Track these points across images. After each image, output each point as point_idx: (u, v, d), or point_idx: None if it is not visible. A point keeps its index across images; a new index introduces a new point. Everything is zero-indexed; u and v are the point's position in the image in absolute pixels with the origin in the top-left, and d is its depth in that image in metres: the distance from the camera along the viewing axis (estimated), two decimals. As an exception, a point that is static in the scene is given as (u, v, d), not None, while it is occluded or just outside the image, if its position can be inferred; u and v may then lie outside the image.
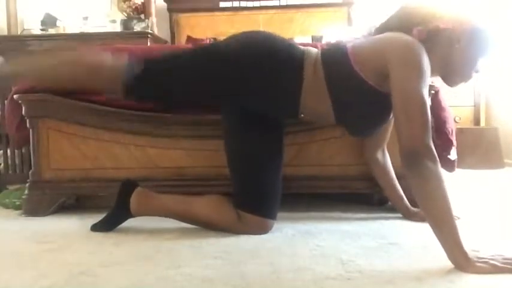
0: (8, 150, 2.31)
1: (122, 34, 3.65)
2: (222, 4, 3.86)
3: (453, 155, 1.77)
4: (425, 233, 1.29)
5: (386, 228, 1.52)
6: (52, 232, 1.52)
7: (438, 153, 1.17)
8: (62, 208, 1.82)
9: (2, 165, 2.33)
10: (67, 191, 1.79)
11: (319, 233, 1.45)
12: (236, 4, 3.85)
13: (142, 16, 3.83)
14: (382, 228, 1.52)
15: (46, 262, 1.21)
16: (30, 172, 1.81)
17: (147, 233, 1.47)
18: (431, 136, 1.18)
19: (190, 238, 1.41)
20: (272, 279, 1.06)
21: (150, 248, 1.31)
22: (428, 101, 1.22)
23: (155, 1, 3.91)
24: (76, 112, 1.75)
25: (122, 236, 1.44)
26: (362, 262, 1.16)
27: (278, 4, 3.84)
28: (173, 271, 1.11)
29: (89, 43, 3.39)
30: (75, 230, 1.55)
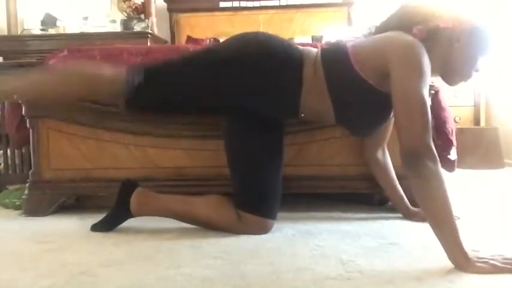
0: (8, 150, 2.31)
1: (122, 34, 3.65)
2: (222, 4, 3.86)
3: (453, 155, 1.77)
4: (425, 233, 1.29)
5: (386, 228, 1.52)
6: (52, 232, 1.52)
7: (438, 153, 1.17)
8: (62, 208, 1.82)
9: (2, 165, 2.33)
10: (67, 191, 1.79)
11: (319, 233, 1.45)
12: (236, 4, 3.85)
13: (142, 16, 3.84)
14: (382, 228, 1.52)
15: (46, 262, 1.21)
16: (30, 172, 1.81)
17: (147, 233, 1.47)
18: (431, 136, 1.18)
19: (190, 238, 1.41)
20: (272, 279, 1.06)
21: (150, 248, 1.31)
22: (428, 101, 1.23)
23: (155, 1, 3.91)
24: (76, 112, 1.75)
25: (122, 236, 1.44)
26: (362, 262, 1.16)
27: (278, 4, 3.85)
28: (173, 271, 1.11)
29: (89, 47, 3.38)
30: (75, 230, 1.55)
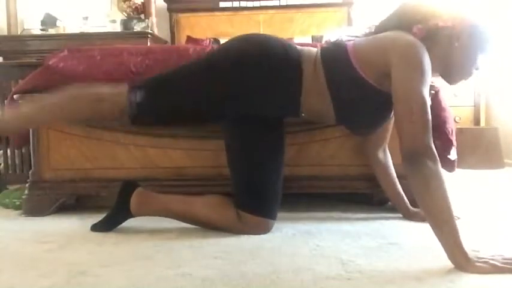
0: (8, 150, 2.31)
1: (122, 34, 3.65)
2: (222, 4, 3.86)
3: (453, 155, 1.77)
4: (425, 233, 1.29)
5: (386, 228, 1.52)
6: (52, 232, 1.52)
7: (438, 153, 1.17)
8: (62, 208, 1.81)
9: (2, 165, 2.33)
10: (67, 191, 1.79)
11: (319, 233, 1.45)
12: (236, 4, 3.85)
13: (142, 16, 3.84)
14: (382, 228, 1.52)
15: (46, 262, 1.21)
16: (30, 172, 1.81)
17: (147, 233, 1.47)
18: (431, 136, 1.18)
19: (190, 238, 1.40)
20: (272, 279, 1.06)
21: (150, 248, 1.31)
22: (428, 101, 1.23)
23: (155, 1, 3.91)
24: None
25: (122, 236, 1.44)
26: (362, 262, 1.16)
27: (278, 4, 3.85)
28: (173, 271, 1.11)
29: (90, 42, 3.39)
30: (75, 230, 1.55)
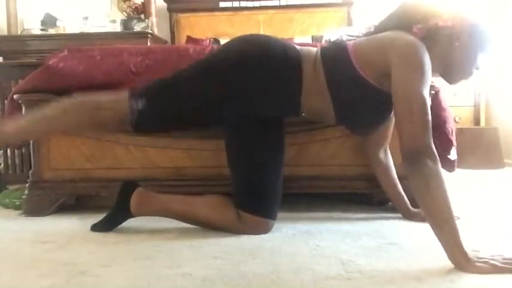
0: (8, 150, 2.31)
1: (122, 34, 3.66)
2: (222, 4, 3.86)
3: (453, 155, 1.77)
4: (425, 233, 1.29)
5: (386, 228, 1.52)
6: (52, 232, 1.52)
7: (438, 153, 1.17)
8: (62, 208, 1.81)
9: (2, 165, 2.34)
10: (67, 191, 1.79)
11: (319, 233, 1.45)
12: (236, 4, 3.85)
13: (142, 16, 3.84)
14: (382, 228, 1.52)
15: (46, 262, 1.21)
16: (30, 172, 1.81)
17: (147, 233, 1.47)
18: (431, 136, 1.18)
19: (190, 238, 1.40)
20: (272, 279, 1.06)
21: (150, 248, 1.31)
22: (428, 101, 1.23)
23: (155, 1, 3.91)
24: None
25: (122, 236, 1.44)
26: (362, 262, 1.16)
27: (278, 4, 3.85)
28: (173, 271, 1.11)
29: (91, 42, 3.39)
30: (75, 230, 1.55)
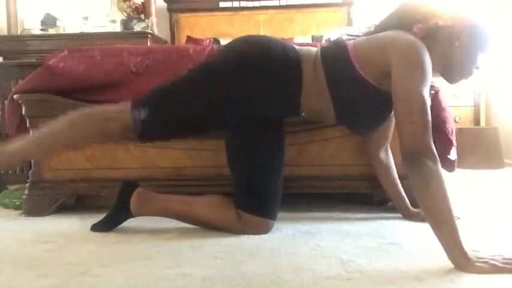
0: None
1: (122, 34, 3.65)
2: (222, 4, 3.86)
3: (453, 155, 1.77)
4: (425, 233, 1.29)
5: (386, 228, 1.52)
6: (52, 232, 1.52)
7: (438, 153, 1.17)
8: (62, 208, 1.81)
9: (2, 165, 2.33)
10: (67, 191, 1.79)
11: (319, 233, 1.45)
12: (236, 4, 3.85)
13: (142, 16, 3.84)
14: (382, 228, 1.52)
15: (46, 262, 1.21)
16: (30, 172, 1.81)
17: (147, 233, 1.47)
18: (431, 136, 1.18)
19: (190, 238, 1.40)
20: (272, 279, 1.06)
21: (150, 248, 1.31)
22: (428, 101, 1.23)
23: (155, 1, 3.91)
24: (76, 112, 1.74)
25: (122, 236, 1.44)
26: (362, 262, 1.16)
27: (278, 4, 3.84)
28: (173, 271, 1.11)
29: (91, 42, 3.39)
30: (75, 230, 1.55)
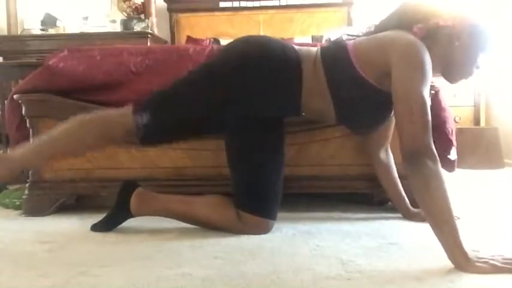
0: (8, 150, 2.30)
1: (122, 34, 3.66)
2: (222, 4, 3.86)
3: (453, 155, 1.77)
4: (425, 233, 1.29)
5: (386, 228, 1.52)
6: (52, 232, 1.52)
7: (438, 153, 1.17)
8: (62, 208, 1.81)
9: (2, 165, 2.33)
10: (67, 191, 1.79)
11: (319, 233, 1.45)
12: (236, 4, 3.85)
13: (142, 16, 3.84)
14: (382, 228, 1.52)
15: (46, 262, 1.21)
16: (30, 172, 1.81)
17: (147, 233, 1.47)
18: (431, 136, 1.18)
19: (190, 238, 1.40)
20: (272, 279, 1.06)
21: (150, 248, 1.31)
22: (428, 101, 1.23)
23: (155, 1, 3.91)
24: (76, 112, 1.72)
25: (122, 236, 1.44)
26: (362, 262, 1.16)
27: (278, 4, 3.85)
28: (173, 271, 1.11)
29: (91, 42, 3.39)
30: (75, 230, 1.55)
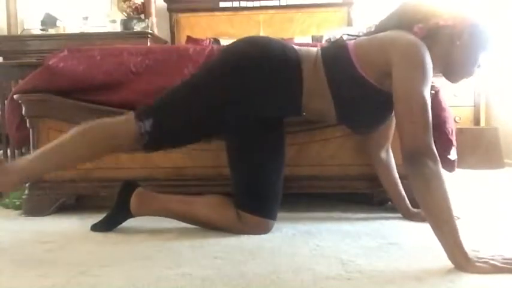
0: (8, 150, 2.31)
1: (122, 34, 3.66)
2: (222, 4, 3.86)
3: (453, 155, 1.77)
4: (425, 233, 1.29)
5: (386, 228, 1.52)
6: (52, 232, 1.52)
7: (438, 153, 1.17)
8: (62, 208, 1.81)
9: (2, 165, 2.33)
10: (67, 191, 1.79)
11: (319, 233, 1.45)
12: (236, 4, 3.85)
13: (142, 16, 3.84)
14: (382, 228, 1.52)
15: (46, 262, 1.21)
16: (30, 172, 1.80)
17: (147, 233, 1.47)
18: (432, 136, 1.18)
19: (190, 238, 1.40)
20: (272, 279, 1.06)
21: (150, 248, 1.31)
22: (429, 101, 1.22)
23: (155, 1, 3.91)
24: (76, 112, 1.74)
25: (122, 236, 1.44)
26: (362, 262, 1.16)
27: (278, 4, 3.85)
28: (173, 271, 1.11)
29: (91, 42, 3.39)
30: (75, 230, 1.55)
